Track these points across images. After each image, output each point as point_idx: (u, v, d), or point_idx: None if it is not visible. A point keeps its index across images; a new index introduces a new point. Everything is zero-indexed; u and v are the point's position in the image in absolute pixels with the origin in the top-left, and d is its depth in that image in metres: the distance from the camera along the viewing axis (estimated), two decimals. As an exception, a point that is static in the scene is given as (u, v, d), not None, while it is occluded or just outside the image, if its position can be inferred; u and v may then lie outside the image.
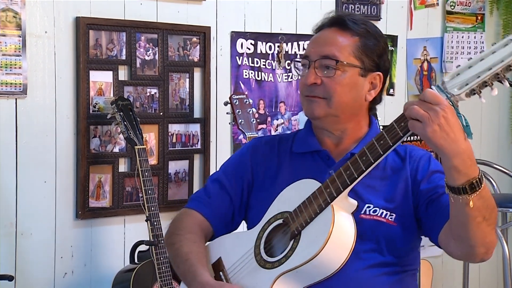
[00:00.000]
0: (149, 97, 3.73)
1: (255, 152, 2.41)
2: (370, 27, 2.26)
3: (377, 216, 2.17)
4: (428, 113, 1.80)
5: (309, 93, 2.21)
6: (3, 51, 3.33)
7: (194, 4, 3.79)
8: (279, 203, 2.23)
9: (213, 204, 2.38)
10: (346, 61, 2.17)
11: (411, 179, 2.20)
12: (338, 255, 2.05)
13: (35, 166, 3.45)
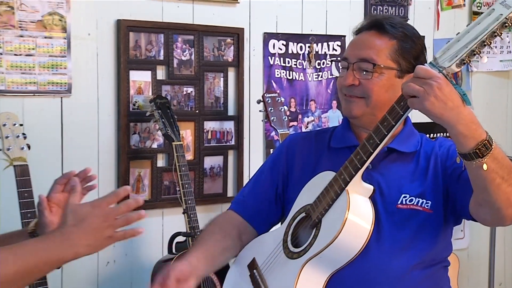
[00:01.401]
0: (186, 95, 3.76)
1: (291, 149, 2.44)
2: (407, 30, 2.27)
3: (414, 205, 2.19)
4: (423, 87, 1.83)
5: (348, 92, 2.24)
6: (49, 53, 3.35)
7: (229, 7, 3.82)
8: (301, 198, 2.27)
9: (250, 203, 2.44)
10: (383, 64, 2.19)
11: (441, 165, 2.21)
12: (357, 237, 2.08)
13: (79, 161, 3.43)
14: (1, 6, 3.20)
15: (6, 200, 3.17)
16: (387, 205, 2.18)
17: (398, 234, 2.16)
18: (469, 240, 4.57)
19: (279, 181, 2.42)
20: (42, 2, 3.31)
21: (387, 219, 2.17)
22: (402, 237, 2.17)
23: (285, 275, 2.15)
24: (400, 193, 2.20)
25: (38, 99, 3.38)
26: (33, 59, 3.33)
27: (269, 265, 2.25)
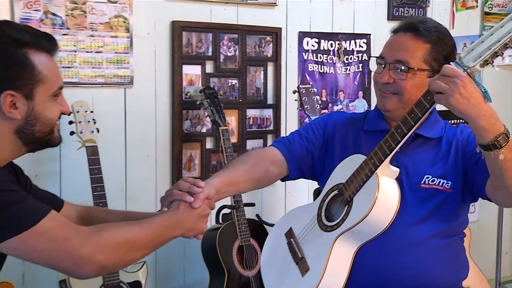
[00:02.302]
0: (231, 86, 3.80)
1: (333, 121, 2.43)
2: (441, 33, 2.23)
3: (435, 185, 2.19)
4: (448, 85, 1.82)
5: (383, 88, 2.24)
6: (115, 50, 3.41)
7: (268, 9, 3.87)
8: (334, 177, 2.28)
9: (292, 147, 2.39)
10: (417, 67, 2.17)
11: (462, 150, 2.21)
12: (385, 214, 2.08)
13: (140, 143, 3.55)
14: (76, 10, 3.26)
15: (80, 175, 3.20)
16: (412, 185, 2.18)
17: (421, 209, 2.17)
18: (479, 213, 4.57)
19: (321, 143, 2.41)
20: (109, 6, 3.36)
21: (411, 196, 2.18)
22: (425, 212, 2.18)
23: (320, 245, 2.16)
24: (423, 174, 2.20)
25: (106, 89, 3.43)
26: (102, 56, 3.38)
27: (305, 235, 2.26)
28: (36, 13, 3.18)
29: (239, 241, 3.47)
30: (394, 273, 2.14)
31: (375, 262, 2.15)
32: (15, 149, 1.86)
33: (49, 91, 1.83)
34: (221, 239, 3.44)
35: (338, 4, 4.15)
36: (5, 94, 1.76)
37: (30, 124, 1.82)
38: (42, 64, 1.81)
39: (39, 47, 1.81)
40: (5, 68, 1.77)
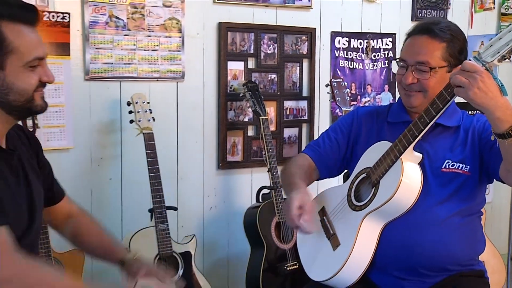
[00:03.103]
0: (270, 80, 3.81)
1: (359, 119, 2.43)
2: (453, 31, 2.22)
3: (455, 169, 2.19)
4: (468, 79, 1.82)
5: (408, 88, 2.23)
6: (169, 48, 3.44)
7: (304, 11, 3.89)
8: (363, 161, 2.28)
9: (321, 151, 2.43)
10: (437, 66, 2.17)
11: (478, 136, 2.21)
12: (409, 196, 2.10)
13: (190, 130, 3.60)
14: (136, 14, 3.32)
15: (138, 158, 3.29)
16: (433, 169, 2.18)
17: (442, 191, 2.17)
18: (493, 195, 4.53)
19: (347, 141, 2.42)
20: (164, 10, 3.40)
21: (433, 179, 2.18)
22: (446, 193, 2.17)
23: (350, 223, 2.18)
24: (444, 159, 2.20)
25: (160, 83, 3.48)
26: (157, 53, 3.42)
27: (336, 214, 2.28)
28: (102, 16, 3.25)
29: (277, 218, 3.48)
30: (418, 248, 2.13)
31: (401, 239, 2.14)
32: (3, 119, 1.80)
33: (21, 61, 1.73)
34: (261, 216, 3.45)
35: (367, 6, 4.14)
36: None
37: (4, 94, 1.74)
38: (14, 35, 1.71)
39: (13, 18, 1.71)
40: None
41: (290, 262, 3.50)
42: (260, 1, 3.74)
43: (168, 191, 3.43)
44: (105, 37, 3.29)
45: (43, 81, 1.79)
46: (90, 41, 3.26)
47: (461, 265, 2.21)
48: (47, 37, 3.10)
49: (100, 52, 3.29)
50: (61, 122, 3.22)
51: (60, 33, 3.14)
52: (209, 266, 3.76)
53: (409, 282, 2.18)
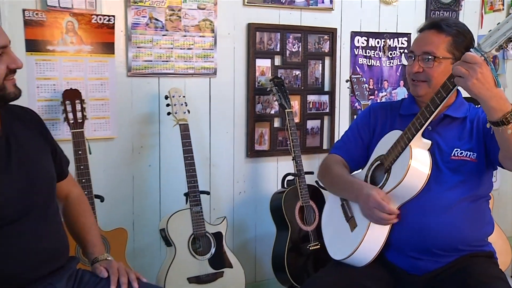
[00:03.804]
0: (294, 76, 3.81)
1: (375, 113, 2.43)
2: (460, 27, 2.22)
3: (463, 157, 2.18)
4: (468, 70, 1.82)
5: (414, 78, 2.24)
6: (202, 47, 3.45)
7: (326, 13, 3.87)
8: (377, 150, 2.29)
9: (348, 148, 2.44)
10: (441, 56, 2.17)
11: (482, 126, 2.19)
12: (418, 179, 2.08)
13: (221, 122, 3.61)
14: (173, 16, 3.32)
15: (174, 147, 3.30)
16: (443, 157, 2.18)
17: (452, 177, 2.16)
18: (500, 182, 4.49)
19: (368, 135, 2.41)
20: (198, 12, 3.40)
21: (444, 167, 2.17)
22: (455, 180, 2.16)
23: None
24: (453, 147, 2.19)
25: (195, 79, 3.48)
26: (192, 52, 3.42)
27: None
28: (143, 18, 3.27)
29: (301, 202, 3.49)
30: (431, 231, 2.13)
31: (415, 222, 2.14)
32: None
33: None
34: (286, 201, 3.47)
35: (384, 8, 4.12)
36: None
37: None
38: None
39: None
40: None
41: (312, 242, 3.52)
42: (286, 3, 3.74)
43: (202, 177, 3.46)
44: (146, 37, 3.31)
45: (11, 68, 1.73)
46: (132, 40, 3.28)
47: (471, 246, 2.20)
48: (95, 38, 3.14)
49: (141, 51, 3.31)
50: (106, 114, 3.24)
51: (106, 34, 3.17)
52: (238, 245, 3.78)
53: (424, 262, 2.17)
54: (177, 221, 3.17)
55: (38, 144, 1.93)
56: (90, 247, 2.05)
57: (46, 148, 1.97)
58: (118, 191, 3.35)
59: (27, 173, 1.82)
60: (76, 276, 1.96)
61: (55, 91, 3.07)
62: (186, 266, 3.15)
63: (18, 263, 1.75)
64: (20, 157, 1.82)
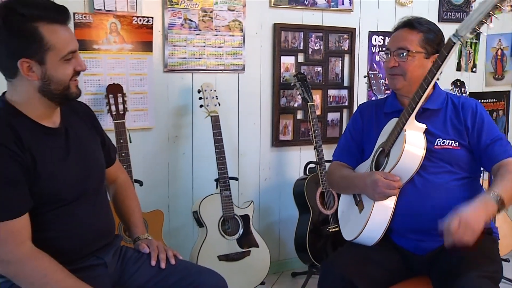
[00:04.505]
0: (316, 72, 3.81)
1: (362, 113, 2.43)
2: (431, 25, 2.23)
3: (446, 145, 2.17)
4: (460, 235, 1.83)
5: (391, 72, 2.24)
6: (232, 45, 3.46)
7: (346, 14, 3.86)
8: (380, 139, 2.28)
9: (346, 152, 2.45)
10: (414, 50, 2.17)
11: (464, 122, 2.18)
12: (413, 159, 2.09)
13: (248, 114, 3.62)
14: (205, 17, 3.33)
15: (206, 137, 3.30)
16: (429, 147, 2.15)
17: (438, 164, 2.15)
18: None
19: (359, 136, 2.41)
20: (229, 13, 3.41)
21: (430, 155, 2.15)
22: (442, 166, 2.15)
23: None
24: (435, 138, 2.17)
25: (225, 74, 3.49)
26: (222, 50, 3.44)
27: None
28: (179, 19, 3.28)
29: (321, 188, 3.49)
30: (425, 214, 2.12)
31: (410, 207, 2.15)
32: (46, 104, 1.78)
33: (58, 56, 1.72)
34: (308, 186, 3.47)
35: (399, 9, 4.09)
36: (20, 61, 1.68)
37: (47, 84, 1.73)
38: (51, 34, 1.68)
39: (48, 19, 1.68)
40: (16, 40, 1.67)
41: (331, 225, 3.52)
42: (309, 5, 3.73)
43: (231, 164, 3.48)
44: (181, 36, 3.32)
45: (77, 70, 1.78)
46: (169, 39, 3.29)
47: None
48: (135, 37, 3.17)
49: (176, 49, 3.32)
50: (145, 107, 3.26)
51: (145, 33, 3.20)
52: (264, 227, 3.78)
53: (425, 242, 2.16)
54: (209, 204, 3.19)
55: (91, 135, 1.98)
56: (133, 227, 2.11)
57: (97, 138, 2.02)
58: (155, 176, 3.38)
59: (83, 162, 1.87)
60: (121, 251, 2.02)
61: (100, 86, 3.12)
62: (217, 245, 3.18)
63: (76, 239, 1.82)
64: (77, 147, 1.87)
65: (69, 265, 1.73)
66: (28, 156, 1.70)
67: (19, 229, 1.67)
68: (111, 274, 1.92)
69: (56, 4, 1.74)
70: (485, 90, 4.52)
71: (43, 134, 1.78)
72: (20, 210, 1.67)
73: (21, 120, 1.74)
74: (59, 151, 1.82)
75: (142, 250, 2.02)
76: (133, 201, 2.17)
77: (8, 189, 1.65)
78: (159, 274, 1.94)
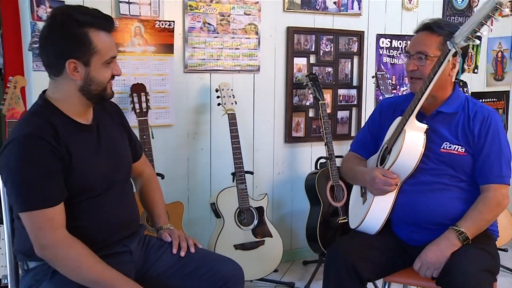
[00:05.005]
0: (327, 73, 3.79)
1: (382, 109, 2.40)
2: (451, 28, 2.12)
3: (451, 150, 2.12)
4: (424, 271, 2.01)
5: (411, 75, 2.18)
6: (248, 47, 3.45)
7: (355, 18, 3.84)
8: (386, 136, 2.27)
9: (362, 145, 2.43)
10: (433, 55, 2.10)
11: (473, 129, 2.13)
12: (412, 157, 2.08)
13: (263, 112, 3.61)
14: (223, 20, 3.34)
15: (223, 133, 3.31)
16: (434, 149, 2.13)
17: (441, 166, 2.13)
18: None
19: (377, 130, 2.38)
20: (245, 17, 3.41)
21: (434, 158, 2.13)
22: (445, 169, 2.13)
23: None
24: (443, 141, 2.13)
25: (241, 74, 3.49)
26: (239, 51, 3.43)
27: None
28: (198, 23, 3.29)
29: (331, 182, 3.47)
30: (419, 209, 2.13)
31: (406, 202, 2.15)
32: (84, 102, 1.82)
33: (102, 60, 1.77)
34: (319, 180, 3.46)
35: (405, 14, 4.07)
36: (69, 61, 1.73)
37: (88, 84, 1.77)
38: (98, 40, 1.74)
39: (97, 26, 1.74)
40: (69, 43, 1.72)
41: (341, 216, 3.51)
42: (320, 9, 3.72)
43: (246, 159, 3.47)
44: (200, 39, 3.32)
45: (114, 74, 1.83)
46: (189, 42, 3.29)
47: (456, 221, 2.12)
48: (158, 40, 3.18)
49: (195, 51, 3.32)
50: (166, 105, 3.27)
51: (167, 36, 3.20)
52: (277, 218, 3.78)
53: (418, 234, 2.16)
54: (225, 196, 3.19)
55: (119, 132, 2.02)
56: (157, 217, 2.13)
57: (125, 135, 2.05)
58: (176, 170, 3.38)
59: (112, 156, 1.90)
60: (144, 240, 2.03)
61: (124, 85, 3.13)
62: (233, 235, 3.18)
63: (104, 228, 1.84)
64: (106, 143, 1.91)
65: (98, 252, 1.76)
66: (64, 149, 1.73)
67: (55, 216, 1.70)
68: (136, 261, 1.94)
69: (104, 14, 1.79)
70: (486, 90, 4.48)
71: (77, 130, 1.82)
72: (56, 199, 1.71)
73: (58, 116, 1.78)
74: (91, 146, 1.85)
75: (165, 238, 2.04)
76: (157, 193, 2.19)
77: (47, 179, 1.68)
78: (180, 261, 1.96)
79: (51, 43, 1.74)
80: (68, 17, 1.72)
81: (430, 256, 2.01)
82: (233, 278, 1.92)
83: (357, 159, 2.43)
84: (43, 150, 1.68)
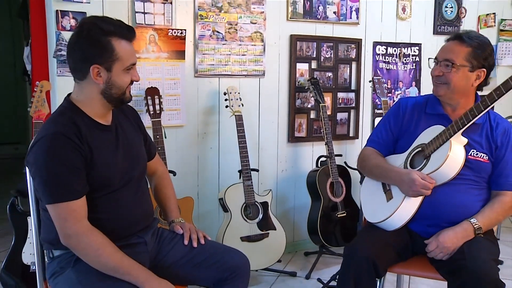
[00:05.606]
0: (327, 77, 3.78)
1: (404, 108, 2.32)
2: (481, 40, 2.11)
3: (478, 157, 2.12)
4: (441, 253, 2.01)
5: (436, 80, 2.17)
6: (254, 53, 3.44)
7: (353, 26, 3.83)
8: (419, 140, 2.21)
9: (380, 140, 2.35)
10: (459, 64, 2.08)
11: (496, 139, 2.14)
12: (453, 168, 2.06)
13: (268, 113, 3.60)
14: (231, 29, 3.32)
15: (231, 134, 3.32)
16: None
17: (467, 171, 2.11)
18: None
19: (397, 128, 2.32)
20: (251, 26, 3.39)
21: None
22: (469, 174, 2.12)
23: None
24: (471, 148, 2.12)
25: (247, 79, 3.48)
26: (245, 57, 3.42)
27: None
28: (208, 31, 3.28)
29: (331, 179, 3.47)
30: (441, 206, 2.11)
31: (431, 198, 2.12)
32: (105, 105, 1.83)
33: (123, 66, 1.78)
34: (320, 177, 3.46)
35: (400, 23, 4.06)
36: (93, 66, 1.75)
37: (109, 88, 1.79)
38: (120, 47, 1.76)
39: (120, 35, 1.76)
40: (94, 49, 1.74)
41: (340, 211, 3.50)
42: (321, 19, 3.71)
43: (252, 157, 3.49)
44: (209, 45, 3.31)
45: (133, 80, 1.85)
46: (199, 49, 3.29)
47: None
48: (171, 47, 3.17)
49: (205, 57, 3.31)
50: (178, 107, 3.26)
51: (179, 43, 3.19)
52: (281, 212, 3.77)
53: (434, 228, 2.13)
54: (233, 192, 3.18)
55: (135, 133, 2.02)
56: (169, 211, 2.13)
57: (140, 136, 2.06)
58: (187, 168, 3.37)
59: (129, 154, 1.91)
60: (158, 232, 2.04)
61: (139, 89, 3.12)
62: (239, 228, 3.17)
63: (122, 220, 1.85)
64: (124, 142, 1.92)
65: (115, 243, 1.76)
66: (87, 147, 1.75)
67: (78, 209, 1.72)
68: (150, 251, 1.94)
69: (127, 24, 1.82)
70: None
71: (98, 130, 1.83)
72: (80, 193, 1.73)
73: (81, 117, 1.80)
74: (110, 145, 1.87)
75: (177, 231, 2.04)
76: (169, 189, 2.19)
77: (71, 174, 1.70)
78: (190, 252, 1.96)
79: (78, 49, 1.76)
80: (94, 26, 1.75)
81: (447, 240, 1.99)
82: (240, 268, 1.92)
83: (379, 155, 2.34)
84: (68, 148, 1.70)
